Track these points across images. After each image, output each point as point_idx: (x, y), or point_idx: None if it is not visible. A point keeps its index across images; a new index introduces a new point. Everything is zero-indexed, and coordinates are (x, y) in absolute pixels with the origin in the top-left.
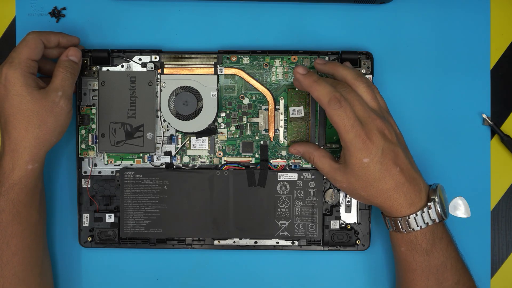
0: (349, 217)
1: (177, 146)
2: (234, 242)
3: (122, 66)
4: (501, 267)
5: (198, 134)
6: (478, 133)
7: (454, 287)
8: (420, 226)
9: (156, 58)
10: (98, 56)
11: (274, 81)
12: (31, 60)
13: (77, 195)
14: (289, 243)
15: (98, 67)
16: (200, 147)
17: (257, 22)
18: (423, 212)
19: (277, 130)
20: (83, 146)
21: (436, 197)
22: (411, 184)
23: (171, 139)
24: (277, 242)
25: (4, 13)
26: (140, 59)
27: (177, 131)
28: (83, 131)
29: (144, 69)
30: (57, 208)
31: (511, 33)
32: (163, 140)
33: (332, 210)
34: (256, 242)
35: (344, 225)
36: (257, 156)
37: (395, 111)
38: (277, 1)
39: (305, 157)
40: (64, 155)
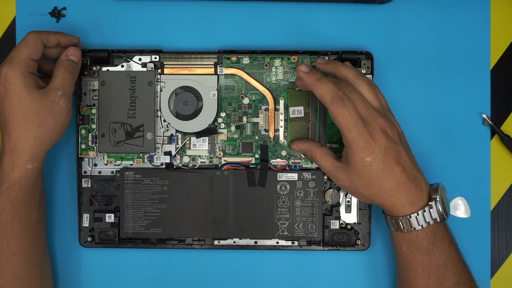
0: (349, 217)
1: (177, 146)
2: (234, 242)
3: (122, 66)
4: (501, 267)
5: (198, 134)
6: (478, 133)
7: (455, 287)
8: (421, 226)
9: (156, 58)
10: (98, 56)
11: (274, 81)
12: (31, 60)
13: (77, 195)
14: (289, 243)
15: (98, 67)
16: (200, 147)
17: (257, 22)
18: (424, 212)
19: (277, 130)
20: (83, 146)
21: (438, 197)
22: (413, 183)
23: (171, 139)
24: (277, 242)
25: (4, 13)
26: (140, 59)
27: (177, 131)
28: (83, 131)
29: (144, 69)
30: (57, 208)
31: (511, 33)
32: (163, 140)
33: (332, 210)
34: (256, 242)
35: (344, 225)
36: (257, 156)
37: (395, 111)
38: (277, 1)
39: (307, 155)
40: (64, 155)
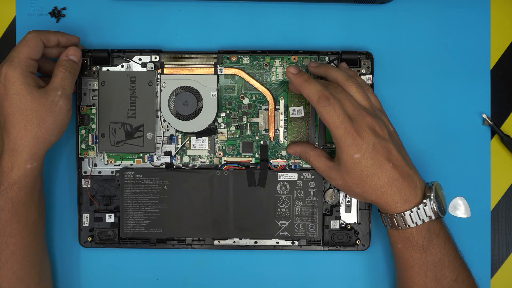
0: (349, 217)
1: (177, 146)
2: (234, 242)
3: (122, 66)
4: (501, 267)
5: (198, 134)
6: (478, 133)
7: (453, 284)
8: (416, 223)
9: (156, 58)
10: (98, 56)
11: (274, 81)
12: (31, 59)
13: (77, 195)
14: (289, 243)
15: (98, 67)
16: (200, 147)
17: (257, 22)
18: (419, 209)
19: (277, 130)
20: (83, 146)
21: (432, 194)
22: (405, 181)
23: (171, 139)
24: (277, 242)
25: (4, 13)
26: (140, 59)
27: (177, 131)
28: (83, 131)
29: (144, 69)
30: (57, 208)
31: (511, 33)
32: (163, 140)
33: (332, 210)
34: (256, 242)
35: (344, 225)
36: (257, 156)
37: (395, 111)
38: (277, 1)
39: (302, 157)
40: (64, 155)
